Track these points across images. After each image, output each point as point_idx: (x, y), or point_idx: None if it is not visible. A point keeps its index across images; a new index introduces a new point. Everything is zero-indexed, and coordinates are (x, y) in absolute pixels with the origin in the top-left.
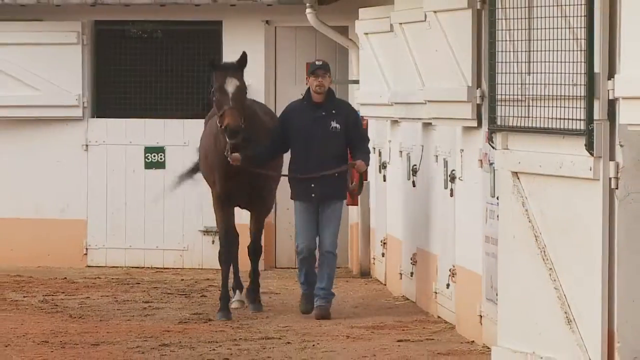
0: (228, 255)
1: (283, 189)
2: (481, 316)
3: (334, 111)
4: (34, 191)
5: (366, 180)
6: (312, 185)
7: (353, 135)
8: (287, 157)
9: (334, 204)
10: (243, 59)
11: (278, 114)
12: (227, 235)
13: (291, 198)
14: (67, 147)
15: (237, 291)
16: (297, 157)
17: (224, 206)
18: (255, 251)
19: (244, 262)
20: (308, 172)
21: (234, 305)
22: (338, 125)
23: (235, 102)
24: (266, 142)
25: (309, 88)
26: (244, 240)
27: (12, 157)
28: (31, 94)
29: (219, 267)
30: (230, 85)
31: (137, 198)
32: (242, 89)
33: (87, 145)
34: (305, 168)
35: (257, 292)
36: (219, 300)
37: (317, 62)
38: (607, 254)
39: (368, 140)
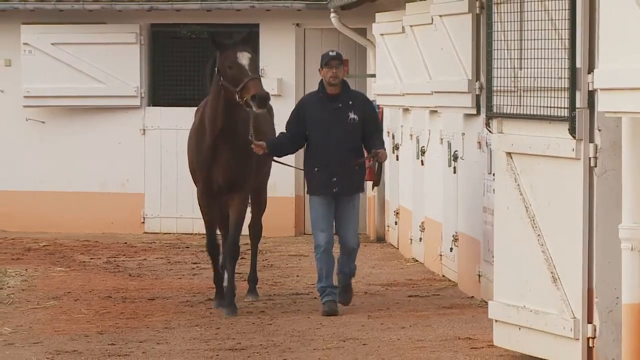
0: (213, 247)
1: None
2: (479, 275)
3: (350, 102)
4: (99, 169)
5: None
6: (334, 179)
7: (370, 126)
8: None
9: (353, 199)
10: (248, 36)
11: None
12: (211, 228)
13: (308, 193)
14: (127, 132)
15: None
16: (314, 150)
17: (207, 200)
18: (233, 254)
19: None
20: (327, 168)
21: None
22: (356, 117)
23: (254, 72)
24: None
25: (322, 80)
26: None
27: (81, 140)
28: (97, 86)
29: None
30: (244, 58)
31: (187, 174)
32: (255, 59)
33: (144, 130)
34: (323, 162)
35: (233, 294)
36: (217, 293)
37: (330, 53)
38: (587, 222)
39: (381, 130)
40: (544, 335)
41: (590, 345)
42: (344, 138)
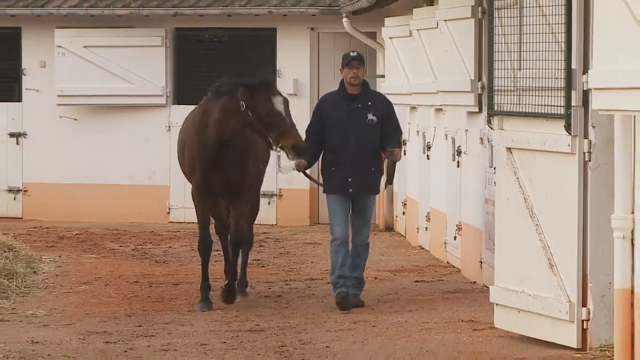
0: (207, 247)
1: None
2: (481, 262)
3: (370, 103)
4: (127, 163)
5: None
6: (350, 179)
7: (388, 127)
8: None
9: (369, 199)
10: (271, 74)
11: None
12: (205, 226)
13: (324, 192)
14: (153, 128)
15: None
16: (332, 151)
17: (203, 197)
18: (236, 242)
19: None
20: (344, 168)
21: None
22: (374, 118)
23: (289, 118)
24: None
25: (342, 80)
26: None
27: (111, 136)
28: (125, 86)
29: (274, 223)
30: (280, 104)
31: None
32: (287, 102)
33: (169, 127)
34: (341, 162)
35: (234, 281)
36: (200, 290)
37: (351, 53)
38: (581, 212)
39: (401, 132)
40: (542, 317)
41: (585, 327)
42: (361, 138)
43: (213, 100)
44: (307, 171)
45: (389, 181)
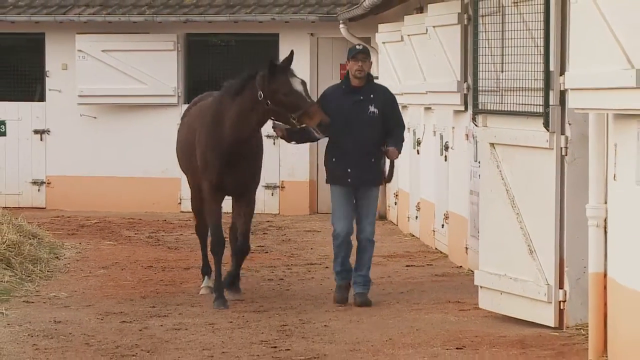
0: (221, 246)
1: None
2: (467, 248)
3: (372, 95)
4: (142, 158)
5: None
6: (349, 170)
7: (389, 121)
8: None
9: (370, 190)
10: (291, 56)
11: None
12: (218, 226)
13: (327, 182)
14: (166, 125)
15: (206, 276)
16: (333, 142)
17: (216, 197)
18: (243, 251)
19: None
20: (344, 158)
21: (202, 291)
22: (376, 110)
23: (310, 97)
24: None
25: (347, 72)
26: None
27: (127, 133)
28: (140, 86)
29: (277, 213)
30: (298, 84)
31: None
32: (305, 83)
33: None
34: (341, 152)
35: (238, 279)
36: (214, 290)
37: (357, 46)
38: (558, 202)
39: (404, 127)
40: (522, 299)
41: (561, 307)
42: (362, 130)
43: (226, 101)
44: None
45: (388, 179)
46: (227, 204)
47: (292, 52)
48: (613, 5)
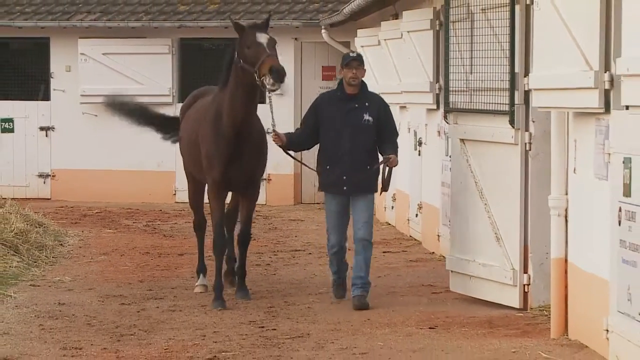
0: (223, 244)
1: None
2: (439, 235)
3: (367, 103)
4: (139, 152)
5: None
6: (344, 177)
7: (384, 129)
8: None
9: (365, 198)
10: (267, 19)
11: (303, 102)
12: (221, 224)
13: (320, 190)
14: None
15: (201, 274)
16: (327, 149)
17: (220, 193)
18: (244, 241)
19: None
20: (339, 166)
21: (197, 289)
22: (370, 118)
23: (272, 50)
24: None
25: (341, 79)
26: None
27: (125, 130)
28: (138, 87)
29: (264, 203)
30: (262, 38)
31: None
32: (273, 41)
33: None
34: (335, 160)
35: (244, 279)
36: (214, 289)
37: (351, 54)
38: (523, 194)
39: (397, 134)
40: (489, 282)
41: (526, 290)
42: (356, 138)
43: (221, 93)
44: (292, 153)
45: (384, 188)
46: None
47: (269, 16)
48: (573, 11)
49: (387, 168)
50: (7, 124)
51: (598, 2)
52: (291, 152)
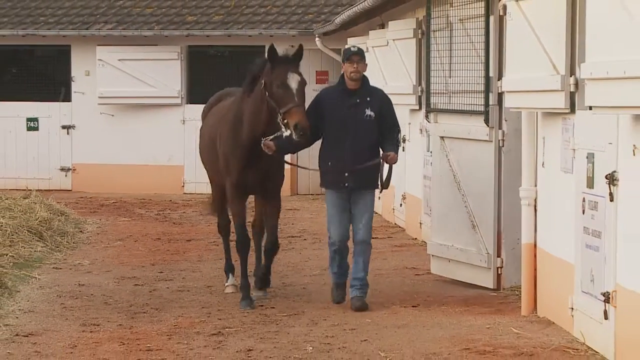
0: (247, 244)
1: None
2: (421, 223)
3: (368, 98)
4: (151, 148)
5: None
6: (346, 174)
7: (385, 124)
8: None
9: (366, 194)
10: (300, 51)
11: None
12: (243, 225)
13: (321, 186)
14: (171, 122)
15: (230, 274)
16: (329, 145)
17: (240, 196)
18: (273, 249)
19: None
20: (341, 162)
21: (227, 290)
22: (372, 113)
23: (300, 99)
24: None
25: (342, 74)
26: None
27: (139, 128)
28: (150, 89)
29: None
30: (294, 81)
31: None
32: (303, 84)
33: (183, 120)
34: (337, 156)
35: (267, 282)
36: (240, 289)
37: (352, 48)
38: (496, 185)
39: (399, 130)
40: (466, 265)
41: (499, 272)
42: (358, 134)
43: (244, 99)
44: (289, 159)
45: (385, 185)
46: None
47: (300, 46)
48: (541, 21)
49: (386, 165)
50: (32, 122)
51: (564, 13)
52: (286, 158)
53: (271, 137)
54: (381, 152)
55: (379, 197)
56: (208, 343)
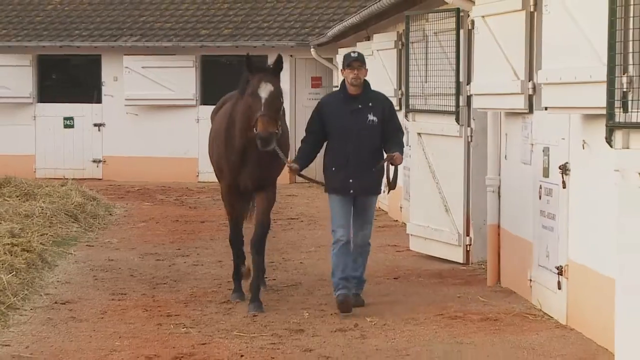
0: (237, 242)
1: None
2: (401, 207)
3: (370, 104)
4: (170, 143)
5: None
6: (350, 180)
7: (388, 127)
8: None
9: (369, 199)
10: (279, 62)
11: (297, 105)
12: (237, 222)
13: (326, 191)
14: (187, 121)
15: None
16: (333, 151)
17: (232, 195)
18: (258, 249)
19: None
20: (345, 168)
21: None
22: (375, 118)
23: (268, 108)
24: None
25: (343, 80)
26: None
27: (160, 126)
28: (169, 93)
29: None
30: (264, 91)
31: None
32: (276, 94)
33: (197, 119)
34: (341, 162)
35: (258, 290)
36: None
37: (352, 54)
38: (466, 175)
39: (402, 132)
40: (440, 243)
41: (468, 249)
42: (362, 139)
43: (238, 101)
44: (303, 172)
45: (392, 186)
46: None
47: (279, 56)
48: (504, 34)
49: (392, 166)
50: (68, 121)
51: (524, 27)
52: (303, 173)
53: (280, 154)
54: (384, 154)
55: (388, 192)
56: (219, 310)
